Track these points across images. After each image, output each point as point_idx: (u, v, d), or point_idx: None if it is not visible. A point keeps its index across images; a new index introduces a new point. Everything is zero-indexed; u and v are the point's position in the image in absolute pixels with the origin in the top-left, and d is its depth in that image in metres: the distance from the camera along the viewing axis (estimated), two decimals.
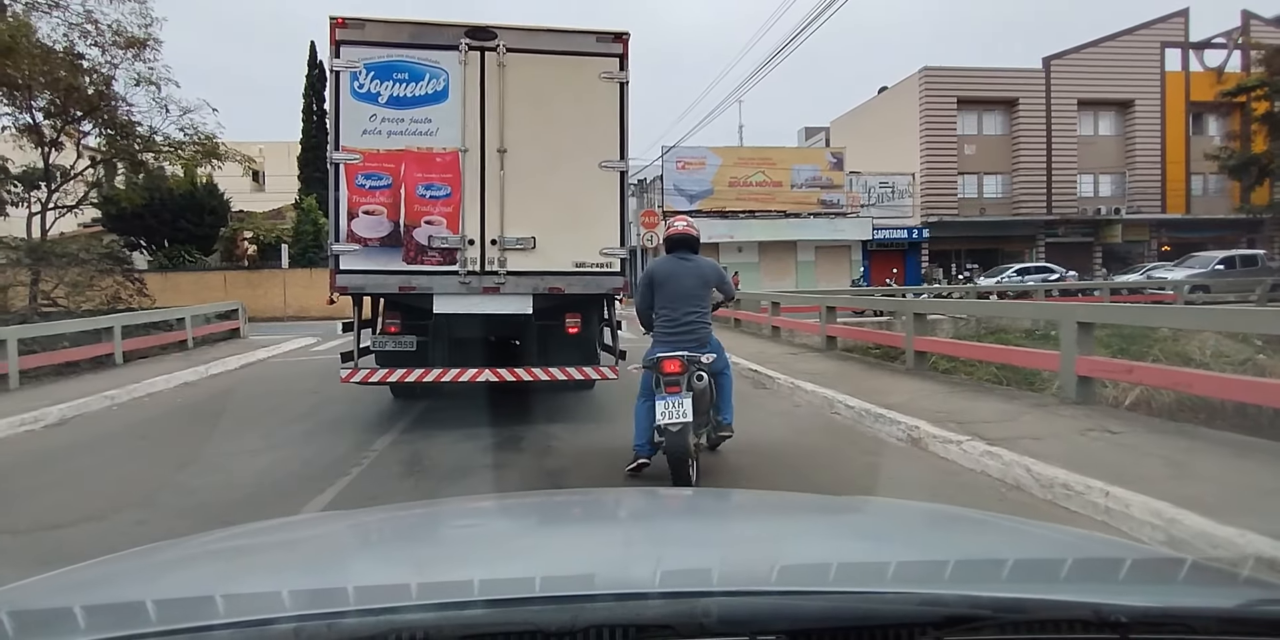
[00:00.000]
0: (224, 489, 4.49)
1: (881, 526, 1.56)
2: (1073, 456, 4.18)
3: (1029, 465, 4.08)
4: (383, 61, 5.71)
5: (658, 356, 4.13)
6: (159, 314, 12.54)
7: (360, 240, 5.79)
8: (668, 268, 4.51)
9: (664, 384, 4.00)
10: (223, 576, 1.19)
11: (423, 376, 5.99)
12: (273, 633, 0.80)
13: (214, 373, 10.56)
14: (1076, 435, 4.80)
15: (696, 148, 28.46)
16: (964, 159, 30.46)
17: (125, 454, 5.82)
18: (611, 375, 6.28)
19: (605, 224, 6.00)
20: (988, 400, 6.24)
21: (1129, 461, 4.06)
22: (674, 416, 3.91)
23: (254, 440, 5.92)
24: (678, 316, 4.38)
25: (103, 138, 15.92)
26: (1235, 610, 0.89)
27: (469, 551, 1.33)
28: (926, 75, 29.88)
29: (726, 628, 0.82)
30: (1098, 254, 31.05)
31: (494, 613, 0.84)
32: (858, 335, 10.38)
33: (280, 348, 13.68)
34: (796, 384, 7.58)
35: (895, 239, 29.83)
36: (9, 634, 0.84)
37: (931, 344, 7.99)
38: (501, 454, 5.34)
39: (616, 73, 5.94)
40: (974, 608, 0.85)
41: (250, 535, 1.58)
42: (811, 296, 13.22)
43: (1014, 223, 30.35)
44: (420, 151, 5.80)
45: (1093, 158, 30.70)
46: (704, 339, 4.43)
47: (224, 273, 26.20)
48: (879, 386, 7.10)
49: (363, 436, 5.96)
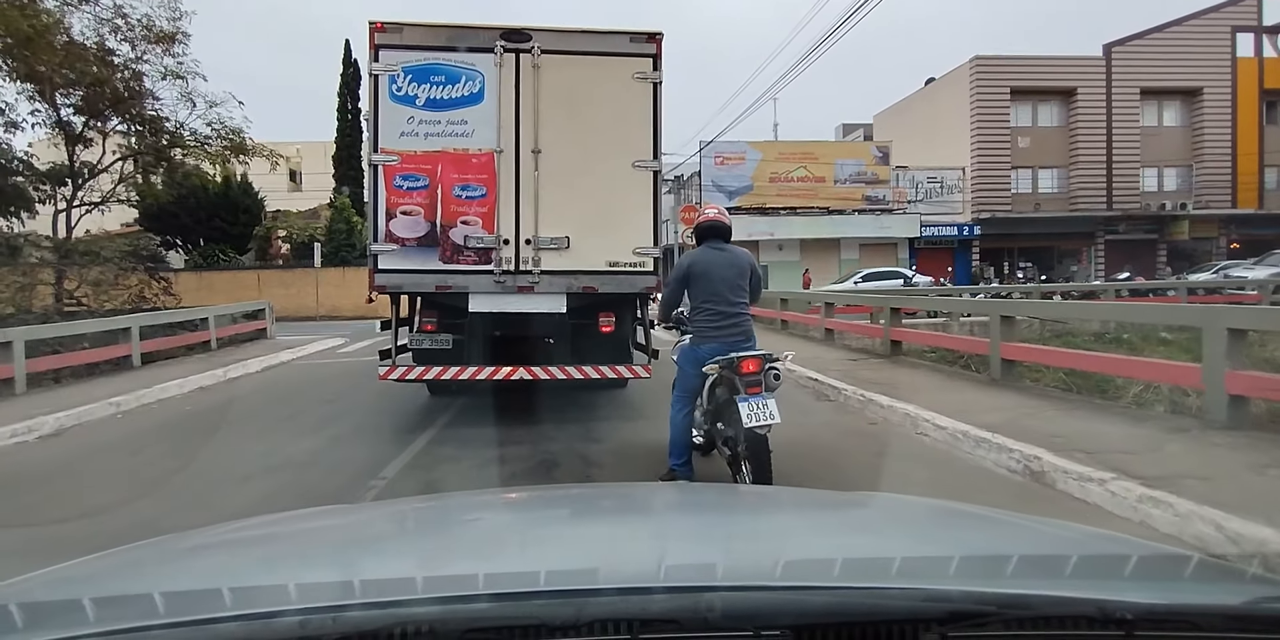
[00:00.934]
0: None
1: (886, 522, 1.54)
2: (1270, 506, 3.19)
3: (1219, 520, 3.11)
4: (420, 65, 5.77)
5: (736, 356, 3.81)
6: (181, 314, 12.02)
7: (398, 240, 5.84)
8: (705, 258, 4.19)
9: (745, 385, 3.74)
10: (230, 569, 1.20)
11: (458, 374, 6.01)
12: (279, 625, 0.81)
13: (233, 376, 9.97)
14: (1253, 474, 3.80)
15: (735, 142, 27.44)
16: (1018, 152, 28.96)
17: (106, 476, 5.15)
18: (644, 374, 6.26)
19: (638, 223, 6.00)
20: (1109, 421, 5.23)
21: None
22: (761, 418, 3.67)
23: (252, 461, 5.21)
24: (722, 309, 4.09)
25: (131, 134, 15.57)
26: (1242, 608, 0.88)
27: (474, 545, 1.34)
28: (978, 65, 28.45)
29: (731, 622, 0.81)
30: (1162, 252, 29.30)
31: (498, 606, 0.85)
32: (928, 340, 9.34)
33: (306, 349, 13.11)
34: (868, 396, 6.62)
35: (944, 236, 28.49)
36: (19, 625, 0.85)
37: (1024, 351, 6.96)
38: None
39: (650, 73, 5.93)
40: (979, 604, 0.85)
41: (257, 528, 1.57)
42: (871, 297, 12.19)
43: (1071, 219, 28.77)
44: (456, 153, 5.84)
45: (1157, 150, 28.96)
46: (749, 332, 4.16)
47: (258, 272, 25.95)
48: (966, 401, 6.12)
49: (374, 457, 5.20)
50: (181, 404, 8.02)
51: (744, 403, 3.71)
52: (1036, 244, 29.37)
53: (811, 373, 8.17)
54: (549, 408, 6.74)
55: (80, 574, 1.20)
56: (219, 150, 14.83)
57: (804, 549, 1.25)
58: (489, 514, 1.66)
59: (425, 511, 1.74)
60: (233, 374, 10.12)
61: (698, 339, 4.15)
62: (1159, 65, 28.22)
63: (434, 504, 1.93)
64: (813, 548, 1.27)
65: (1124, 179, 28.91)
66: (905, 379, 7.61)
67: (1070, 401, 6.08)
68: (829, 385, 7.48)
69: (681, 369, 4.31)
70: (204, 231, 25.99)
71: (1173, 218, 28.78)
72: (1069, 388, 6.57)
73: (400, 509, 1.83)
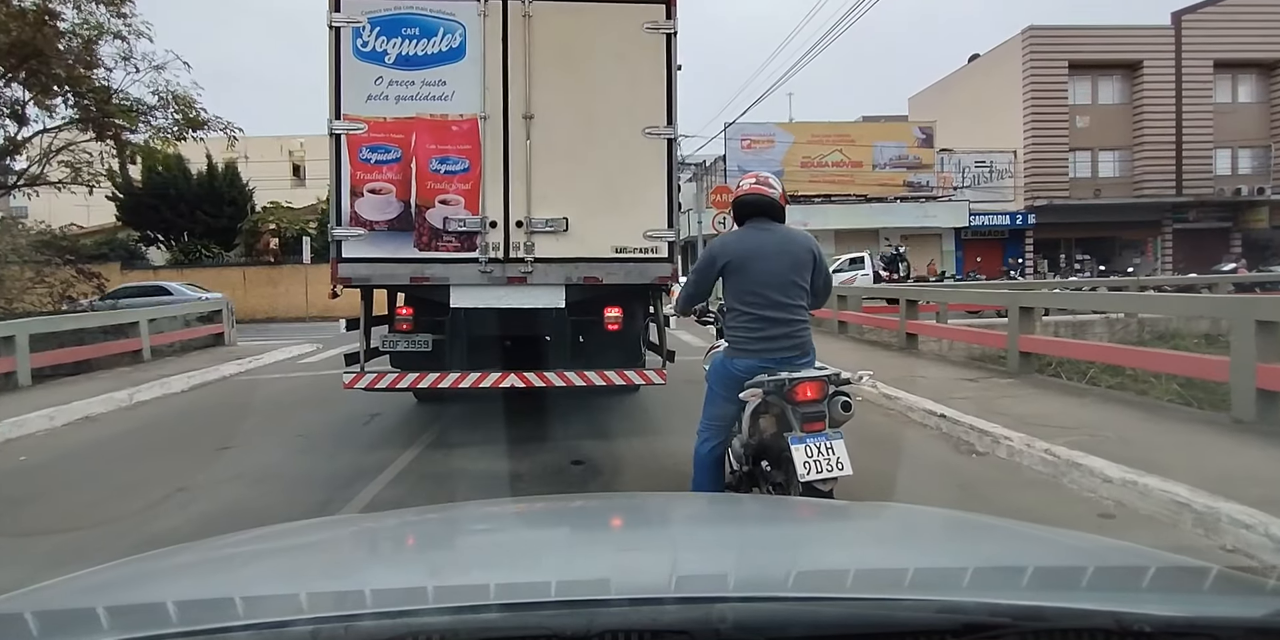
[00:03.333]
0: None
1: (899, 533, 1.50)
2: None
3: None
4: (389, 15, 5.05)
5: (789, 378, 2.79)
6: (97, 317, 9.66)
7: (365, 224, 5.13)
8: (744, 243, 3.11)
9: (801, 418, 2.75)
10: (242, 578, 1.21)
11: (437, 382, 5.28)
12: (290, 634, 0.81)
13: (141, 399, 7.71)
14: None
15: (763, 124, 24.91)
16: (1075, 133, 26.18)
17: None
18: (658, 380, 5.49)
19: (650, 202, 5.23)
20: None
21: None
22: (823, 469, 2.68)
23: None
24: (767, 314, 3.02)
25: (73, 107, 13.25)
26: (1262, 620, 0.85)
27: (485, 555, 1.34)
28: (1032, 36, 25.69)
29: (743, 634, 0.81)
30: (1235, 242, 26.39)
31: (509, 617, 0.85)
32: (1090, 354, 6.68)
33: (261, 359, 10.78)
34: (1055, 454, 4.07)
35: (995, 226, 25.81)
36: (33, 634, 0.85)
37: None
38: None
39: (662, 22, 5.15)
40: (993, 615, 0.83)
41: (269, 538, 1.56)
42: (982, 293, 9.57)
43: (1135, 206, 25.99)
44: (434, 119, 5.11)
45: (1231, 129, 26.09)
46: (807, 346, 3.10)
47: (243, 269, 23.75)
48: (1243, 466, 3.56)
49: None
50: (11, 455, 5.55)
51: (798, 445, 2.74)
52: (1095, 234, 26.62)
53: (927, 401, 5.67)
54: (537, 423, 5.55)
55: (94, 583, 1.20)
56: (170, 124, 12.44)
57: (817, 560, 1.25)
58: (499, 524, 1.65)
59: (435, 522, 1.72)
60: (143, 396, 7.81)
61: (733, 351, 3.12)
62: (1234, 34, 25.37)
63: (444, 514, 1.90)
64: (826, 558, 1.27)
65: (1194, 161, 26.09)
66: (1092, 416, 5.10)
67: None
68: (966, 425, 4.96)
69: (710, 390, 3.24)
70: (186, 225, 23.79)
71: (1249, 204, 26.05)
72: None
73: (411, 519, 1.83)
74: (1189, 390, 6.32)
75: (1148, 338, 12.12)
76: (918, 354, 8.87)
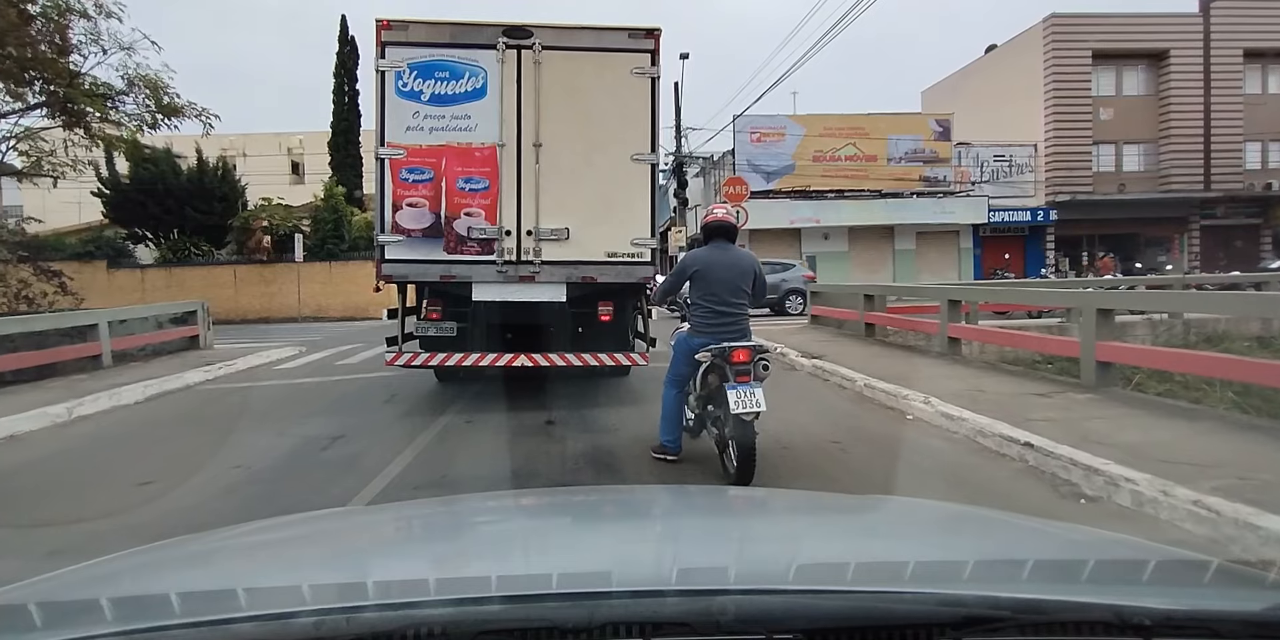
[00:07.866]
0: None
1: (900, 526, 1.52)
2: None
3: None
4: (425, 61, 5.98)
5: (728, 346, 4.06)
6: (49, 320, 8.71)
7: (404, 231, 6.07)
8: (708, 259, 4.41)
9: (734, 373, 3.99)
10: (245, 570, 1.22)
11: (461, 361, 6.30)
12: (293, 626, 0.81)
13: (84, 413, 6.84)
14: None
15: (773, 116, 23.95)
16: (1099, 125, 25.23)
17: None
18: (642, 362, 6.51)
19: (637, 215, 6.19)
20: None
21: None
22: (748, 405, 3.88)
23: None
24: (720, 308, 4.33)
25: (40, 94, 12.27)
26: (1262, 614, 0.85)
27: (487, 548, 1.34)
28: (1054, 25, 24.67)
29: (743, 626, 0.81)
30: (1266, 239, 25.29)
31: (511, 609, 0.85)
32: (1201, 367, 5.59)
33: (235, 364, 9.83)
34: (1211, 508, 3.08)
35: (1015, 222, 24.79)
36: (37, 625, 0.85)
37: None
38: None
39: (648, 68, 6.11)
40: (993, 608, 0.84)
41: (272, 530, 1.58)
42: (1066, 291, 8.53)
43: (1161, 202, 25.02)
44: (460, 146, 6.06)
45: (1263, 121, 25.21)
46: (745, 331, 4.38)
47: (234, 267, 22.84)
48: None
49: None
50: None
51: (732, 390, 3.92)
52: (1118, 230, 25.58)
53: (1001, 425, 4.63)
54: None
55: (98, 574, 1.21)
56: (140, 110, 11.45)
57: (817, 552, 1.26)
58: (501, 516, 1.66)
59: (438, 514, 1.74)
60: (87, 410, 6.90)
61: (693, 332, 4.39)
62: (1267, 22, 24.54)
63: (447, 507, 1.91)
64: (826, 551, 1.27)
65: (1224, 155, 25.20)
66: (1207, 446, 4.06)
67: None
68: (1064, 458, 3.91)
69: (675, 355, 4.55)
70: (175, 222, 22.80)
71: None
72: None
73: (413, 511, 1.83)
74: (1244, 398, 5.96)
75: (1194, 340, 11.18)
76: (964, 361, 7.90)
